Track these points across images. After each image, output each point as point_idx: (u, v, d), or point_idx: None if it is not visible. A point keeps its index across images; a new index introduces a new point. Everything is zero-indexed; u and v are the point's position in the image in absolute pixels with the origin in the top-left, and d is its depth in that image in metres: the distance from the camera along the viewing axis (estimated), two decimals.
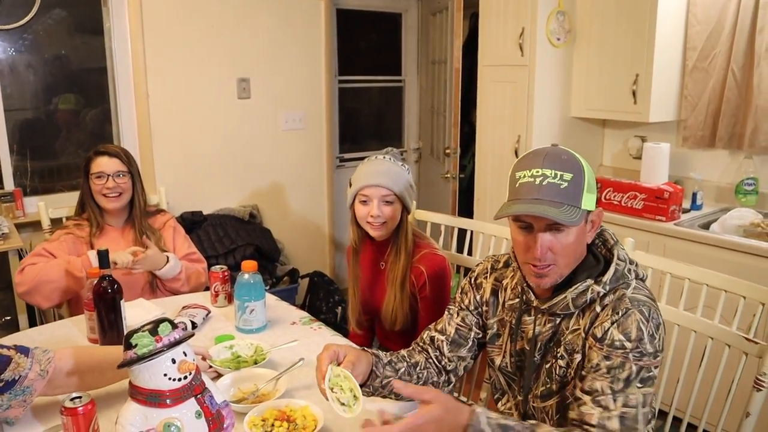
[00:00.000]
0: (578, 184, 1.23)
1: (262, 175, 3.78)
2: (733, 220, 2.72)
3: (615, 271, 1.28)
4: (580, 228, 1.26)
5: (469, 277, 1.57)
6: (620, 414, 1.17)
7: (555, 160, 1.25)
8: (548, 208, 1.21)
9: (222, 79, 3.53)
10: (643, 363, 1.20)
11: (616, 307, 1.24)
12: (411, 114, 4.73)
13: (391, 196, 1.93)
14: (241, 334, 1.89)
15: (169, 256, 2.25)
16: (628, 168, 3.38)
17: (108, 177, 2.24)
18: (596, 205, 1.30)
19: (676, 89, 3.07)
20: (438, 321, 1.57)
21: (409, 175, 2.00)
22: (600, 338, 1.23)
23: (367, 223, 1.97)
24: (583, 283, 1.28)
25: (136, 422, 1.12)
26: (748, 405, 1.48)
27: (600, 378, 1.20)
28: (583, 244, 1.30)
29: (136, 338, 1.11)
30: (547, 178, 1.23)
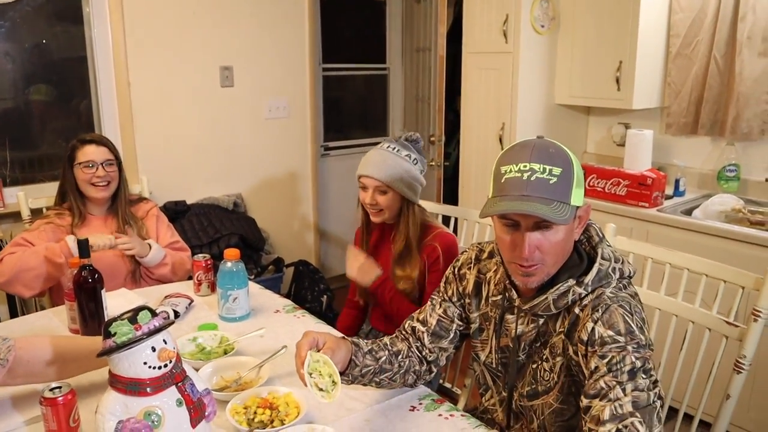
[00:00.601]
0: (568, 179, 1.17)
1: (246, 164, 3.75)
2: (715, 206, 2.74)
3: (598, 271, 1.23)
4: (569, 225, 1.20)
5: (452, 267, 1.53)
6: (632, 399, 1.09)
7: (543, 153, 1.18)
8: (538, 205, 1.14)
9: (205, 68, 3.50)
10: (642, 355, 1.14)
11: (596, 305, 1.20)
12: (396, 102, 4.72)
13: (383, 187, 1.97)
14: (225, 322, 1.88)
15: (151, 243, 2.23)
16: (611, 155, 3.39)
17: (98, 166, 2.22)
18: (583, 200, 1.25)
19: (660, 76, 3.08)
20: (421, 310, 1.55)
21: (411, 165, 2.00)
22: (588, 341, 1.18)
23: (367, 208, 2.04)
24: (565, 283, 1.23)
25: (116, 411, 1.11)
26: (728, 387, 1.49)
27: (601, 377, 1.13)
28: (571, 242, 1.25)
29: (115, 326, 1.10)
30: (535, 173, 1.16)
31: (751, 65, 2.77)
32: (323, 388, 1.22)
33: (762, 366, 2.39)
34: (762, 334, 1.47)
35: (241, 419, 1.31)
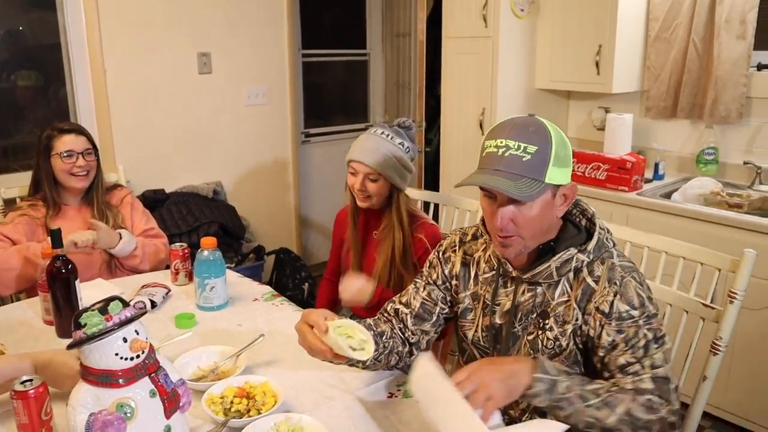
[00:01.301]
0: (543, 157, 1.21)
1: (226, 151, 3.71)
2: (693, 189, 2.76)
3: (598, 239, 1.30)
4: (545, 201, 1.24)
5: (436, 251, 1.55)
6: (651, 375, 1.21)
7: (521, 131, 1.23)
8: (505, 180, 1.20)
9: (182, 54, 3.44)
10: (653, 325, 1.24)
11: (612, 278, 1.26)
12: (376, 88, 4.69)
13: (375, 174, 1.94)
14: (203, 311, 1.86)
15: (122, 233, 2.19)
16: (592, 139, 3.40)
17: (78, 155, 2.18)
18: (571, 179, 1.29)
19: (639, 60, 3.08)
20: (402, 293, 1.55)
21: (403, 153, 1.97)
22: (608, 314, 1.25)
23: (355, 193, 2.01)
24: (567, 252, 1.29)
25: (88, 404, 1.08)
26: (705, 369, 1.50)
27: (621, 353, 1.24)
28: (549, 219, 1.29)
29: (86, 317, 1.07)
30: (509, 149, 1.22)
31: (729, 48, 2.78)
32: (356, 348, 1.24)
33: (739, 348, 2.42)
34: (738, 315, 1.48)
35: (218, 409, 1.30)
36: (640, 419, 1.17)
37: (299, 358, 1.58)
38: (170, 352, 1.59)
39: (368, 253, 2.09)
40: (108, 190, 2.36)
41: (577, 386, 1.19)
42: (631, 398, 1.19)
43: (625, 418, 1.17)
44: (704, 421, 2.55)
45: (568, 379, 1.20)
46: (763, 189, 2.75)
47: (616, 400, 1.18)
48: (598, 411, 1.18)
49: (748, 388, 2.45)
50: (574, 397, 1.18)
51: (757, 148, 2.85)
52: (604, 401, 1.18)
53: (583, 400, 1.18)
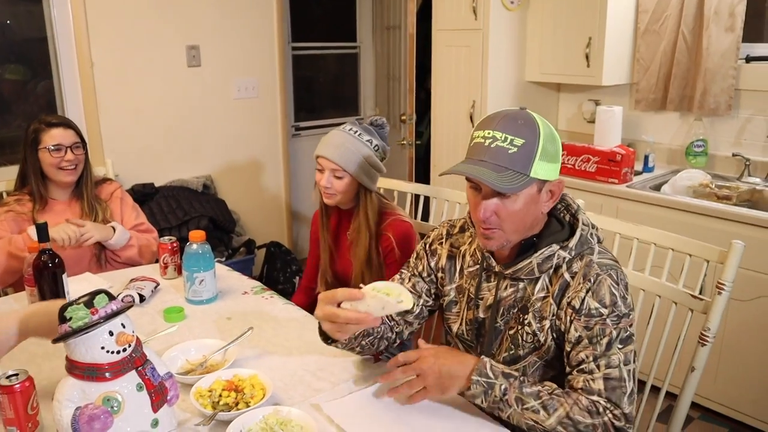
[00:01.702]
0: (529, 150, 1.21)
1: (216, 145, 3.69)
2: (683, 181, 2.77)
3: (580, 236, 1.29)
4: (530, 196, 1.24)
5: (423, 243, 1.55)
6: (603, 375, 1.21)
7: (509, 123, 1.23)
8: (489, 172, 1.20)
9: (170, 47, 3.41)
10: (621, 325, 1.23)
11: (587, 274, 1.26)
12: (367, 81, 4.67)
13: (340, 171, 1.90)
14: (192, 305, 1.85)
15: (114, 225, 2.18)
16: (582, 132, 3.40)
17: (66, 149, 2.16)
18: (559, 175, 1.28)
19: (629, 52, 3.08)
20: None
21: (371, 151, 1.93)
22: (578, 309, 1.25)
23: (321, 189, 1.97)
24: (549, 248, 1.28)
25: (74, 398, 1.08)
26: (693, 360, 1.51)
27: (583, 349, 1.23)
28: (533, 214, 1.28)
29: (71, 311, 1.07)
30: (496, 140, 1.22)
31: (718, 40, 2.78)
32: (400, 300, 1.22)
33: (728, 339, 2.43)
34: (727, 307, 1.48)
35: (206, 402, 1.29)
36: (580, 422, 1.18)
37: (288, 351, 1.58)
38: (158, 345, 1.58)
39: (342, 254, 2.06)
40: (97, 184, 2.34)
41: (515, 389, 1.20)
42: (573, 401, 1.19)
43: (564, 421, 1.18)
44: (693, 412, 2.57)
45: (506, 382, 1.21)
46: (752, 181, 2.76)
47: (555, 403, 1.19)
48: (536, 414, 1.19)
49: (736, 378, 2.47)
50: (511, 399, 1.20)
51: (746, 140, 2.87)
52: (543, 404, 1.19)
53: (521, 403, 1.20)
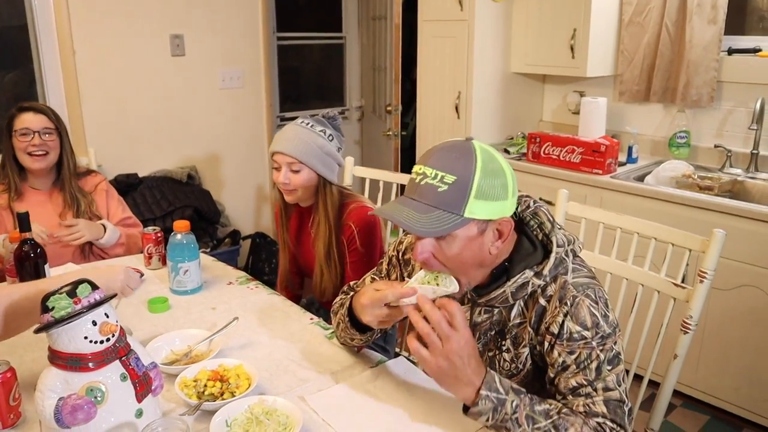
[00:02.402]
0: (462, 189, 1.10)
1: (200, 135, 3.66)
2: (666, 172, 2.79)
3: (554, 260, 1.21)
4: (468, 237, 1.14)
5: (396, 251, 1.50)
6: (603, 398, 1.15)
7: (444, 157, 1.13)
8: (412, 213, 1.12)
9: (154, 35, 3.38)
10: (607, 346, 1.17)
11: (563, 297, 1.19)
12: (352, 71, 4.65)
13: (297, 164, 1.85)
14: (176, 295, 1.84)
15: (104, 223, 2.16)
16: (567, 123, 3.42)
17: (34, 134, 2.12)
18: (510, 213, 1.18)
19: (613, 44, 3.09)
20: (360, 286, 1.53)
21: (325, 141, 1.89)
22: (558, 334, 1.19)
23: (280, 188, 1.93)
24: (522, 275, 1.21)
25: (57, 388, 1.07)
26: (676, 347, 1.52)
27: (572, 375, 1.17)
28: (480, 256, 1.18)
29: (53, 301, 1.06)
30: (426, 177, 1.12)
31: (701, 32, 2.80)
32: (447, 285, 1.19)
33: (709, 328, 2.46)
34: (708, 296, 1.50)
35: (191, 392, 1.29)
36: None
37: (274, 341, 1.58)
38: (142, 336, 1.57)
39: (306, 249, 2.03)
40: (81, 176, 2.30)
41: (526, 406, 1.13)
42: (582, 422, 1.13)
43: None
44: (675, 400, 2.60)
45: (517, 398, 1.13)
46: (733, 172, 2.79)
47: (566, 423, 1.12)
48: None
49: (717, 366, 2.50)
50: (522, 417, 1.12)
51: (728, 132, 2.89)
52: (554, 424, 1.12)
53: (531, 422, 1.12)
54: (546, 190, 2.80)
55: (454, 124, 3.24)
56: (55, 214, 2.18)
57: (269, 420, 1.20)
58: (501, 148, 3.25)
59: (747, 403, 2.45)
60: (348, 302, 1.41)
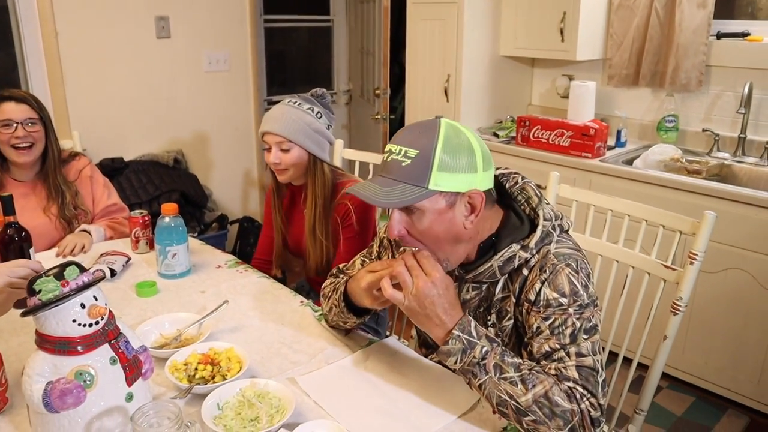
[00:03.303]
0: (425, 161, 1.12)
1: (186, 118, 3.62)
2: (654, 155, 2.80)
3: (540, 233, 1.21)
4: (437, 211, 1.15)
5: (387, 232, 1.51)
6: (576, 364, 1.14)
7: (408, 134, 1.16)
8: (377, 187, 1.15)
9: (138, 17, 3.32)
10: (584, 315, 1.17)
11: (543, 265, 1.20)
12: (340, 55, 4.62)
13: (286, 143, 1.85)
14: (164, 279, 1.82)
15: (87, 228, 2.10)
16: (556, 107, 3.41)
17: (17, 125, 2.02)
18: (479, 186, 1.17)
19: (602, 28, 3.08)
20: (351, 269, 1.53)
21: (313, 118, 1.88)
22: (534, 301, 1.19)
23: (272, 169, 1.92)
24: (509, 249, 1.21)
25: (45, 372, 1.05)
26: (665, 329, 1.53)
27: (545, 340, 1.17)
28: (452, 230, 1.18)
29: (40, 284, 1.04)
30: (392, 154, 1.16)
31: (690, 16, 2.80)
32: None
33: (697, 310, 2.49)
34: (696, 278, 1.51)
35: (181, 376, 1.28)
36: (559, 405, 1.09)
37: (264, 323, 1.57)
38: (131, 320, 1.56)
39: (297, 230, 2.02)
40: (64, 162, 2.21)
41: (496, 355, 1.13)
42: (553, 382, 1.11)
43: (541, 401, 1.09)
44: (662, 381, 2.62)
45: (488, 345, 1.13)
46: (721, 156, 2.80)
47: (535, 379, 1.11)
48: (514, 386, 1.10)
49: (704, 348, 2.53)
50: (490, 365, 1.12)
51: (716, 116, 2.90)
52: (522, 377, 1.11)
53: (499, 371, 1.12)
54: (535, 173, 2.79)
55: (443, 107, 3.23)
56: (39, 207, 2.11)
57: (261, 403, 1.19)
58: (490, 131, 3.24)
59: (732, 385, 2.48)
60: (342, 287, 1.41)
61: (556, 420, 1.09)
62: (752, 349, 2.40)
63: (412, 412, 1.23)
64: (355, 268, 1.52)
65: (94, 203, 2.22)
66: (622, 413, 1.66)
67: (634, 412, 1.60)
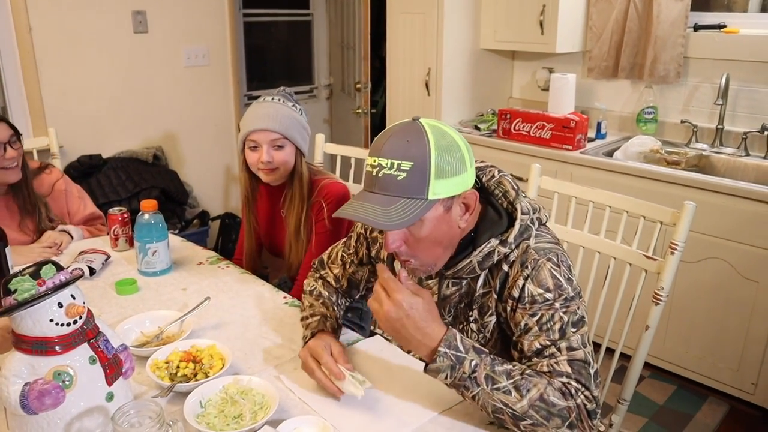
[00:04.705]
0: (421, 172, 1.08)
1: (166, 114, 3.58)
2: (634, 147, 2.82)
3: (519, 227, 1.20)
4: (436, 218, 1.14)
5: (364, 228, 1.48)
6: (567, 358, 1.13)
7: (396, 145, 1.10)
8: (376, 208, 1.09)
9: (115, 11, 3.27)
10: (570, 308, 1.16)
11: (525, 261, 1.19)
12: (320, 49, 4.59)
13: (281, 139, 1.81)
14: (145, 277, 1.80)
15: (66, 229, 2.05)
16: (536, 100, 3.42)
17: (5, 146, 1.90)
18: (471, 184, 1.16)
19: (582, 20, 3.10)
20: (334, 260, 1.54)
21: (301, 116, 1.87)
22: (519, 298, 1.18)
23: (259, 170, 1.85)
24: (488, 244, 1.20)
25: (22, 373, 1.03)
26: (647, 319, 1.54)
27: (535, 337, 1.16)
28: (448, 233, 1.18)
29: (16, 283, 1.01)
30: (383, 169, 1.10)
31: (668, 8, 2.82)
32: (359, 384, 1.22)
33: (677, 300, 2.51)
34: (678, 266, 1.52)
35: (163, 374, 1.26)
36: (555, 405, 1.08)
37: (246, 320, 1.56)
38: (111, 319, 1.54)
39: (279, 230, 2.00)
40: (34, 175, 2.08)
41: (486, 366, 1.10)
42: (546, 382, 1.10)
43: (537, 404, 1.08)
44: (643, 371, 2.63)
45: (477, 357, 1.11)
46: (699, 147, 2.83)
47: (528, 383, 1.09)
48: (508, 395, 1.09)
49: (684, 338, 2.56)
50: (481, 377, 1.09)
51: (694, 108, 2.93)
52: (515, 384, 1.09)
53: (491, 382, 1.09)
54: (516, 166, 2.80)
55: (425, 100, 3.22)
56: (14, 223, 2.00)
57: (245, 399, 1.18)
58: (471, 124, 3.24)
59: (712, 372, 2.51)
60: (309, 333, 1.38)
61: (554, 420, 1.09)
62: (731, 337, 2.43)
63: (397, 406, 1.23)
64: (337, 261, 1.52)
65: (71, 217, 2.15)
66: (606, 403, 1.67)
67: (617, 402, 1.61)
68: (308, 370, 1.27)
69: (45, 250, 1.93)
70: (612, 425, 1.61)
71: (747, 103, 2.77)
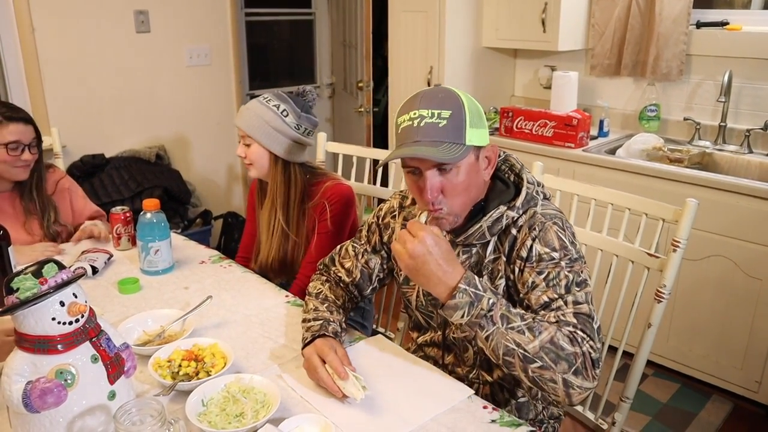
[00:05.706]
0: (459, 119, 1.21)
1: (168, 114, 3.58)
2: (637, 145, 2.81)
3: (526, 194, 1.29)
4: (470, 165, 1.24)
5: (375, 216, 1.53)
6: (573, 311, 1.19)
7: (431, 99, 1.23)
8: (428, 148, 1.19)
9: (117, 11, 3.27)
10: (575, 268, 1.23)
11: (532, 224, 1.26)
12: (323, 48, 4.59)
13: (246, 138, 1.88)
14: (147, 276, 1.80)
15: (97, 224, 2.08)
16: (538, 98, 3.42)
17: (25, 147, 1.93)
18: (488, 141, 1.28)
19: (584, 18, 3.09)
20: (344, 256, 1.54)
21: (275, 115, 1.85)
22: (527, 257, 1.25)
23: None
24: (497, 210, 1.28)
25: (24, 372, 1.03)
26: (649, 316, 1.54)
27: (542, 292, 1.22)
28: (476, 183, 1.28)
29: (18, 282, 1.02)
30: (424, 118, 1.21)
31: (670, 5, 2.81)
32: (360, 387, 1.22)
33: (680, 298, 2.51)
34: (680, 264, 1.51)
35: (165, 373, 1.26)
36: (564, 349, 1.14)
37: (248, 319, 1.56)
38: (113, 317, 1.54)
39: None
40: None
41: (502, 306, 1.17)
42: (557, 328, 1.16)
43: (548, 346, 1.13)
44: (646, 369, 2.62)
45: (494, 297, 1.17)
46: (702, 144, 2.82)
47: (540, 326, 1.16)
48: (521, 335, 1.14)
49: (687, 335, 2.55)
50: (497, 316, 1.15)
51: (696, 105, 2.92)
52: (529, 325, 1.15)
53: (506, 321, 1.15)
54: None
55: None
56: (18, 223, 2.01)
57: (246, 398, 1.18)
58: None
59: (716, 371, 2.51)
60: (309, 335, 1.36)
61: (561, 364, 1.14)
62: (735, 335, 2.42)
63: (399, 405, 1.23)
64: (349, 254, 1.53)
65: (75, 214, 2.16)
66: (608, 401, 1.67)
67: (620, 400, 1.61)
68: (311, 367, 1.27)
69: (47, 249, 1.93)
70: (615, 423, 1.60)
71: (750, 101, 2.76)
